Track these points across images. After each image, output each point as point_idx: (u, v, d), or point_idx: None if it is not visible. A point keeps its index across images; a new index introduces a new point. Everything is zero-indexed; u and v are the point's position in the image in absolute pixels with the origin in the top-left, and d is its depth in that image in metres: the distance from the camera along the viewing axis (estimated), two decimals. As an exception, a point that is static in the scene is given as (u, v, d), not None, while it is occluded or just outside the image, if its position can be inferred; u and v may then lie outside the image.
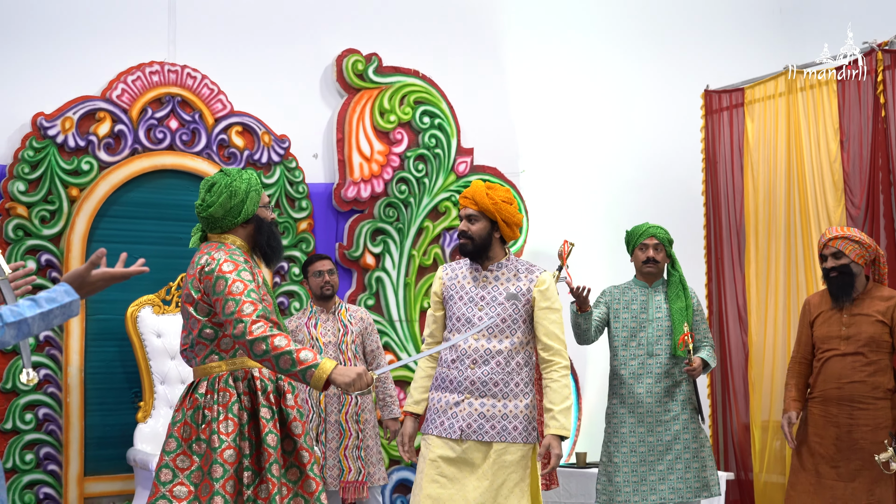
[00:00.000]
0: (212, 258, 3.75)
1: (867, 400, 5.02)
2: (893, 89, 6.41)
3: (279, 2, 6.88)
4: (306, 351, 3.52)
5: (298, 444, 3.75)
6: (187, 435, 3.68)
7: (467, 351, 4.29)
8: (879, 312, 5.07)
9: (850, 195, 6.59)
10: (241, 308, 3.57)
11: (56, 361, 5.85)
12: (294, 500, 3.69)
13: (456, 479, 4.17)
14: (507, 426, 4.23)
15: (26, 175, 5.84)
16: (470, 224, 4.34)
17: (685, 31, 8.52)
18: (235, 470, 3.59)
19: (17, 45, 5.99)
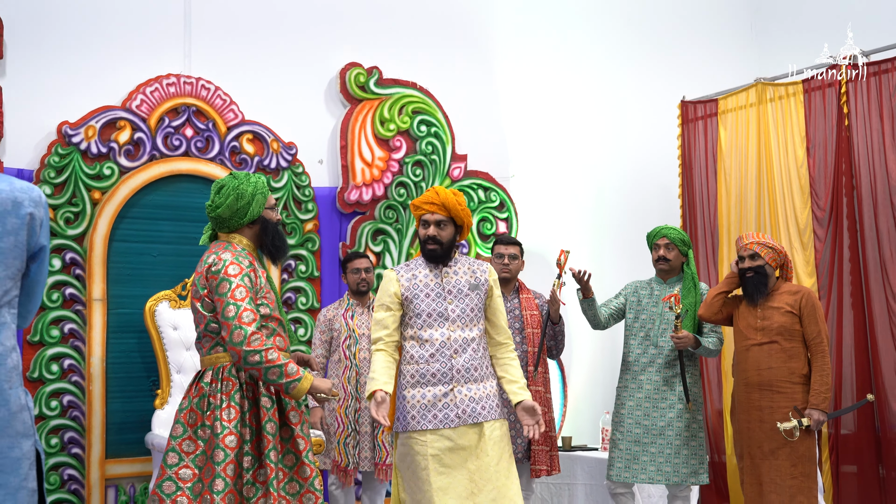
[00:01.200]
0: (219, 258, 3.72)
1: (784, 385, 5.09)
2: (856, 100, 6.43)
3: (287, 18, 6.88)
4: (293, 365, 3.62)
5: (295, 432, 3.73)
6: (193, 421, 3.68)
7: (446, 343, 4.20)
8: (788, 304, 5.15)
9: (816, 198, 6.59)
10: (241, 315, 3.58)
11: (79, 352, 5.83)
12: (290, 484, 3.68)
13: (456, 465, 4.10)
14: (491, 405, 4.21)
15: (52, 179, 5.82)
16: (440, 230, 4.24)
17: (664, 47, 8.54)
18: (236, 455, 3.58)
19: (44, 58, 5.99)
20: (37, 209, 2.66)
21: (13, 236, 2.59)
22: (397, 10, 7.29)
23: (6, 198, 2.58)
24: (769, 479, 5.04)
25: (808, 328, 5.14)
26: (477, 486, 4.06)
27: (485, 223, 7.31)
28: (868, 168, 6.31)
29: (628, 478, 5.34)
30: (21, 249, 2.62)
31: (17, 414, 2.57)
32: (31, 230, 2.64)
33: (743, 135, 7.07)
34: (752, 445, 5.13)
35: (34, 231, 2.65)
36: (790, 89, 6.80)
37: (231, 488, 3.57)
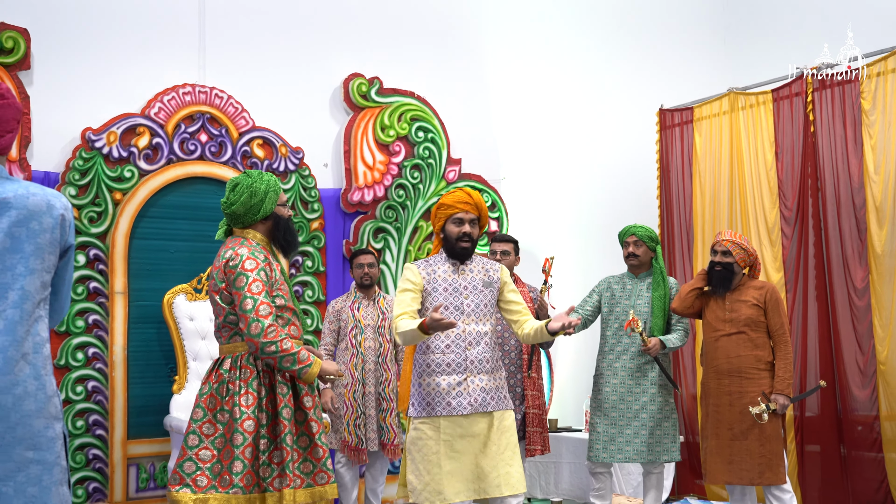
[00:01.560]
0: (236, 254, 3.71)
1: (752, 371, 5.11)
2: (821, 108, 6.45)
3: (295, 32, 6.88)
4: (304, 352, 3.64)
5: (309, 415, 3.73)
6: (212, 406, 3.68)
7: (461, 335, 4.18)
8: (755, 298, 5.16)
9: (784, 199, 6.63)
10: (259, 309, 3.58)
11: (103, 341, 5.86)
12: (304, 464, 3.68)
13: (465, 451, 4.08)
14: (500, 396, 4.19)
15: (76, 181, 5.84)
16: (473, 228, 4.27)
17: (643, 60, 8.53)
18: (254, 438, 3.59)
19: (69, 69, 6.00)
20: (66, 212, 2.72)
21: (49, 234, 2.65)
22: (397, 23, 7.29)
23: (41, 200, 2.65)
24: (739, 458, 5.04)
25: (771, 320, 5.16)
26: (483, 472, 4.05)
27: None
28: (832, 171, 6.36)
29: (606, 458, 5.37)
30: (55, 246, 2.68)
31: (51, 398, 2.62)
32: (62, 229, 2.70)
33: (716, 140, 7.10)
34: (721, 427, 5.14)
35: (65, 230, 2.71)
36: (760, 98, 6.83)
37: (249, 469, 3.57)
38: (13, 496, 2.49)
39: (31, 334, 2.59)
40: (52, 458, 2.57)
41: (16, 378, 2.53)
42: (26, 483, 2.51)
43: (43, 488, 2.53)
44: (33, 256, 2.62)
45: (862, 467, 6.11)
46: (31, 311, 2.60)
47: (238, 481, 3.55)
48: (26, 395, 2.54)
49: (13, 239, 2.60)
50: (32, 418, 2.53)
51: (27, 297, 2.59)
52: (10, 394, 2.51)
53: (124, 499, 5.79)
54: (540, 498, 6.82)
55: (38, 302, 2.63)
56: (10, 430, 2.50)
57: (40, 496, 2.52)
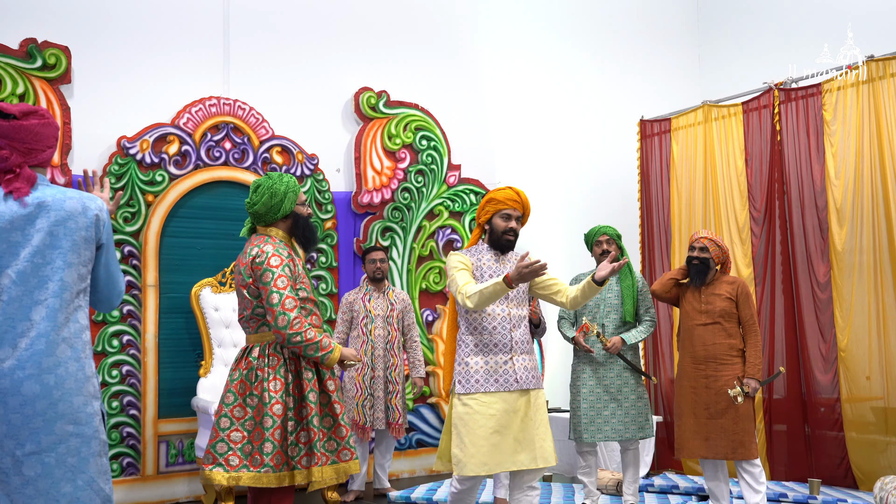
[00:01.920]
0: (262, 251, 3.69)
1: (726, 357, 5.11)
2: (786, 119, 6.50)
3: (310, 50, 6.92)
4: (326, 339, 3.66)
5: (332, 398, 3.73)
6: (242, 391, 3.68)
7: (506, 318, 4.14)
8: (727, 292, 5.15)
9: (753, 201, 6.68)
10: (284, 303, 3.58)
11: (136, 330, 5.93)
12: (328, 442, 3.68)
13: (508, 425, 4.02)
14: (536, 375, 4.17)
15: (112, 185, 5.87)
16: (517, 224, 4.25)
17: (625, 75, 8.58)
18: (282, 421, 3.59)
19: (105, 82, 6.05)
20: (101, 212, 2.77)
21: (84, 231, 2.71)
22: (403, 42, 7.33)
23: (77, 203, 2.73)
24: (715, 435, 5.04)
25: (742, 311, 5.14)
26: (521, 446, 4.01)
27: (475, 222, 7.35)
28: (797, 176, 6.41)
29: (588, 438, 5.34)
30: (91, 242, 2.73)
31: (90, 379, 2.66)
32: (97, 227, 2.75)
33: (692, 148, 7.14)
34: (698, 407, 5.13)
35: (99, 228, 2.75)
36: (731, 110, 6.88)
37: (278, 449, 3.57)
38: (55, 465, 2.54)
39: (70, 321, 2.65)
40: (90, 431, 2.61)
41: (58, 360, 2.59)
42: (66, 454, 2.56)
43: (81, 459, 2.58)
44: (71, 252, 2.68)
45: (824, 445, 6.17)
46: (70, 300, 2.66)
47: (269, 461, 3.55)
48: (67, 375, 2.59)
49: (53, 237, 2.67)
50: (72, 396, 2.59)
51: (66, 288, 2.66)
52: (52, 373, 2.57)
53: (155, 472, 5.87)
54: (532, 474, 6.89)
55: (76, 292, 2.69)
56: (52, 407, 2.56)
57: (79, 466, 2.58)
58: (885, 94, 5.97)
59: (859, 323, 6.04)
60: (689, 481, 6.33)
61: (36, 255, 2.66)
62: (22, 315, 2.61)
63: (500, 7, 7.97)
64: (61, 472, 2.55)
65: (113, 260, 2.87)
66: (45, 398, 2.55)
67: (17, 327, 2.59)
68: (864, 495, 5.79)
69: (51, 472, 2.54)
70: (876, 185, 5.99)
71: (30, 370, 2.56)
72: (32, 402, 2.55)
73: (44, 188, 2.73)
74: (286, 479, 3.58)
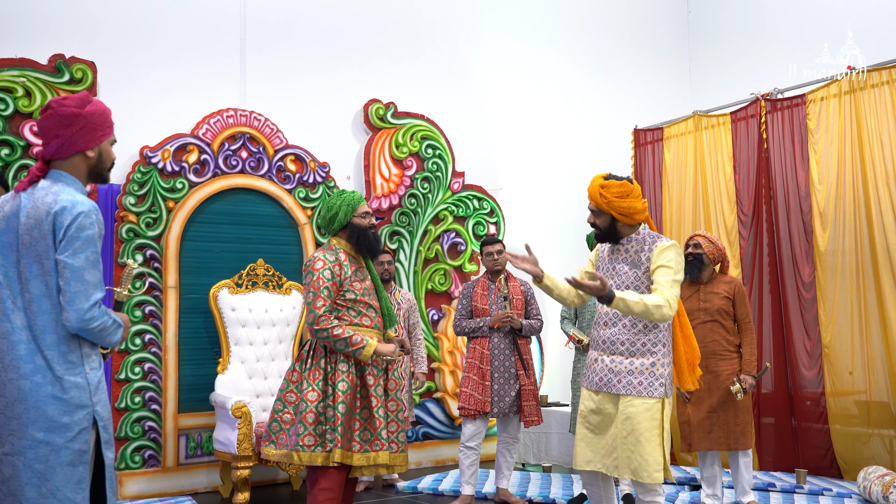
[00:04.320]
0: (312, 256, 3.83)
1: (724, 353, 5.06)
2: (773, 128, 6.46)
3: (322, 64, 6.90)
4: (357, 336, 3.70)
5: (370, 392, 3.77)
6: (296, 379, 3.80)
7: (600, 314, 3.75)
8: (725, 291, 5.10)
9: (741, 206, 6.63)
10: (315, 302, 3.70)
11: (157, 329, 5.88)
12: (363, 433, 3.74)
13: (598, 427, 3.65)
14: (632, 381, 3.56)
15: (136, 192, 5.87)
16: (595, 218, 3.77)
17: (621, 86, 8.57)
18: (315, 406, 3.68)
19: (129, 95, 6.02)
20: (63, 213, 2.51)
21: (44, 241, 2.51)
22: (410, 57, 7.32)
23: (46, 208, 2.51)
24: (717, 428, 5.00)
25: (739, 310, 5.10)
26: (608, 449, 3.62)
27: (478, 226, 7.34)
28: (782, 182, 6.37)
29: None
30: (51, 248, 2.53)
31: (76, 388, 2.49)
32: (53, 230, 2.53)
33: (683, 156, 7.11)
34: (699, 401, 5.07)
35: (58, 231, 2.52)
36: (720, 120, 6.84)
37: (310, 432, 3.65)
38: (22, 469, 2.44)
39: (52, 328, 2.50)
40: (61, 441, 2.45)
41: (35, 367, 2.46)
42: (34, 460, 2.44)
43: (49, 467, 2.45)
44: (46, 255, 2.51)
45: (810, 437, 6.13)
46: (51, 307, 2.50)
47: (300, 441, 3.65)
48: (44, 383, 2.46)
49: (33, 238, 2.52)
50: (46, 404, 2.45)
51: (46, 294, 2.51)
52: (29, 380, 2.45)
53: (175, 464, 5.82)
54: (533, 463, 6.85)
55: (55, 301, 2.51)
56: (25, 412, 2.45)
57: (46, 473, 2.44)
58: (865, 104, 5.94)
59: (842, 321, 6.01)
60: (682, 472, 6.26)
61: (20, 256, 2.52)
62: (5, 317, 2.49)
63: (500, 24, 7.97)
64: (27, 476, 2.44)
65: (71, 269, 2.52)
66: (21, 403, 2.45)
67: (1, 328, 2.48)
68: (848, 484, 5.75)
69: (18, 475, 2.45)
70: (857, 189, 5.96)
71: (11, 374, 2.45)
72: (12, 405, 2.45)
73: (44, 187, 2.56)
74: (318, 459, 3.65)
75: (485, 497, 5.67)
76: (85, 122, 2.61)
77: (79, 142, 2.60)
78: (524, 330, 5.42)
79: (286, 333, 6.13)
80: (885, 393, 5.77)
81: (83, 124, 2.61)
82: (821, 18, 7.71)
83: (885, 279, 5.74)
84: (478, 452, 5.38)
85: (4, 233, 2.54)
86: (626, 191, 3.72)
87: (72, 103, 2.62)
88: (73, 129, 2.59)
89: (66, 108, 2.60)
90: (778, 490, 5.67)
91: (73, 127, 2.59)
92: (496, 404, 5.32)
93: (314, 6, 6.94)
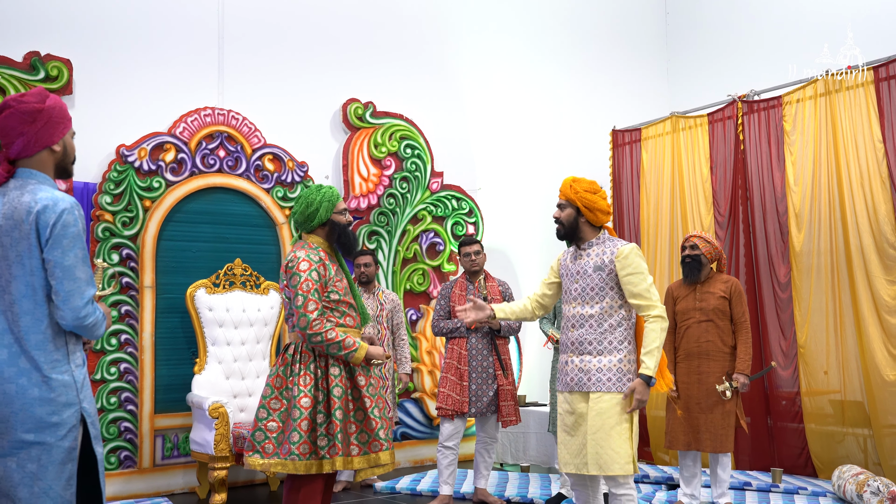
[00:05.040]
0: (295, 256, 3.63)
1: (717, 354, 5.02)
2: (749, 129, 6.47)
3: (301, 62, 6.85)
4: (349, 339, 3.58)
5: (362, 393, 3.66)
6: (279, 385, 3.65)
7: (567, 317, 3.77)
8: (721, 290, 5.06)
9: (717, 206, 6.63)
10: (307, 305, 3.53)
11: (134, 329, 5.79)
12: (360, 434, 3.63)
13: (573, 428, 3.68)
14: (601, 378, 3.60)
15: (112, 191, 5.79)
16: (561, 212, 3.79)
17: (599, 88, 8.60)
18: (310, 413, 3.55)
19: (105, 93, 5.94)
20: (45, 212, 2.47)
21: (26, 240, 2.47)
22: (389, 56, 7.29)
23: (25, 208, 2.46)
24: (705, 429, 4.97)
25: (735, 309, 5.05)
26: (580, 449, 3.65)
27: (457, 226, 7.31)
28: (759, 183, 6.37)
29: None
30: (34, 248, 2.50)
31: (63, 388, 2.48)
32: (37, 230, 2.49)
33: (660, 156, 7.10)
34: (690, 401, 5.04)
35: (42, 230, 2.48)
36: (697, 121, 6.84)
37: (305, 440, 3.52)
38: (15, 470, 2.43)
39: (35, 329, 2.47)
40: (52, 440, 2.46)
41: (19, 370, 2.43)
42: (27, 460, 2.44)
43: (41, 466, 2.45)
44: (27, 256, 2.47)
45: (786, 436, 6.13)
46: (32, 308, 2.47)
47: (295, 449, 3.52)
48: (30, 385, 2.44)
49: (11, 239, 2.48)
50: (34, 406, 2.44)
51: (27, 295, 2.47)
52: (14, 383, 2.43)
53: (151, 465, 5.75)
54: (511, 463, 6.81)
55: (40, 299, 2.48)
56: (13, 415, 2.43)
57: (38, 473, 2.44)
58: (840, 107, 5.95)
59: (817, 321, 6.02)
60: (659, 471, 6.23)
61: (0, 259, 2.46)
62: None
63: (481, 24, 7.96)
64: (20, 476, 2.44)
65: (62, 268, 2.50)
66: (8, 406, 2.43)
67: None
68: (823, 483, 5.76)
69: (10, 476, 2.44)
70: (832, 191, 5.97)
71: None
72: (0, 408, 2.44)
73: (15, 187, 2.52)
74: (313, 468, 3.55)
75: (463, 497, 5.62)
76: (49, 117, 2.58)
77: (44, 137, 2.58)
78: (502, 330, 5.37)
79: (264, 333, 6.04)
80: (859, 392, 5.78)
81: (47, 119, 2.58)
82: (797, 21, 7.76)
83: (859, 279, 5.74)
84: (456, 452, 5.33)
85: None
86: (595, 188, 3.79)
87: (32, 99, 2.58)
88: (38, 124, 2.56)
89: (28, 105, 2.56)
90: (754, 489, 5.66)
91: (38, 123, 2.56)
92: (474, 404, 5.28)
93: (293, 5, 6.88)
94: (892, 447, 5.49)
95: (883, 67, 5.66)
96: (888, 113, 5.66)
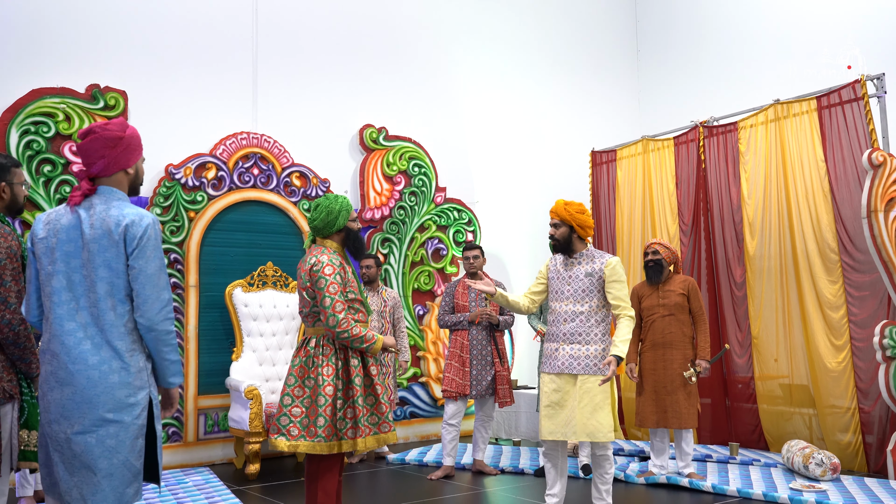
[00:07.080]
0: (318, 261, 3.56)
1: (679, 343, 5.07)
2: (709, 151, 6.47)
3: (324, 93, 6.88)
4: (370, 333, 3.58)
5: (374, 381, 3.65)
6: (302, 374, 3.60)
7: (559, 313, 4.02)
8: (680, 288, 5.12)
9: (682, 217, 6.65)
10: (335, 306, 3.50)
11: (180, 322, 5.89)
12: (371, 417, 3.62)
13: (559, 403, 3.92)
14: (588, 363, 3.90)
15: (161, 203, 5.90)
16: (556, 230, 4.09)
17: (580, 113, 8.57)
18: (333, 400, 3.54)
19: (155, 120, 6.00)
20: (133, 226, 2.53)
21: (115, 248, 2.52)
22: (400, 86, 7.31)
23: (115, 219, 2.52)
24: (671, 408, 5.01)
25: (693, 304, 5.10)
26: (567, 420, 3.91)
27: (458, 234, 7.33)
28: (717, 197, 6.39)
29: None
30: (122, 253, 2.53)
31: (137, 373, 2.52)
32: (126, 239, 2.53)
33: (633, 174, 7.11)
34: (658, 385, 5.06)
35: (130, 240, 2.53)
36: (665, 143, 6.85)
37: (329, 423, 3.51)
38: (95, 445, 2.48)
39: (114, 323, 2.50)
40: (129, 419, 2.49)
41: (102, 358, 2.48)
42: (106, 436, 2.48)
43: (119, 441, 2.49)
44: (110, 261, 2.51)
45: (741, 415, 6.16)
46: (112, 306, 2.51)
47: (321, 432, 3.50)
48: (111, 371, 2.48)
49: (96, 244, 2.52)
50: (115, 389, 2.48)
51: (108, 294, 2.51)
52: (97, 370, 2.48)
53: (195, 439, 5.84)
54: (504, 438, 6.84)
55: (119, 298, 2.52)
56: (97, 396, 2.47)
57: (116, 447, 2.49)
58: (788, 131, 5.97)
59: (768, 315, 6.03)
60: (632, 445, 6.27)
61: (84, 262, 2.55)
62: (69, 317, 2.52)
63: (479, 59, 7.97)
64: (100, 450, 2.49)
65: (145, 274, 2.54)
66: (93, 388, 2.48)
67: (65, 326, 2.51)
68: (773, 455, 5.78)
69: (91, 450, 2.49)
70: (781, 203, 6.00)
71: (79, 365, 2.49)
72: (82, 391, 2.49)
73: (100, 202, 2.57)
74: (335, 448, 3.54)
75: (463, 467, 5.70)
76: (127, 144, 2.66)
77: (122, 160, 2.65)
78: (500, 324, 5.44)
79: (291, 326, 6.13)
80: (804, 377, 5.81)
81: (126, 145, 2.66)
82: (753, 52, 7.73)
83: (804, 279, 5.78)
84: (458, 429, 5.40)
85: (65, 243, 2.55)
86: (583, 209, 4.13)
87: (115, 127, 2.66)
88: (118, 149, 2.63)
89: (111, 132, 2.65)
90: (714, 461, 5.69)
91: (118, 148, 2.63)
92: (474, 387, 5.35)
93: (318, 44, 6.93)
94: (834, 424, 5.52)
95: (825, 97, 5.67)
96: (829, 136, 5.63)
